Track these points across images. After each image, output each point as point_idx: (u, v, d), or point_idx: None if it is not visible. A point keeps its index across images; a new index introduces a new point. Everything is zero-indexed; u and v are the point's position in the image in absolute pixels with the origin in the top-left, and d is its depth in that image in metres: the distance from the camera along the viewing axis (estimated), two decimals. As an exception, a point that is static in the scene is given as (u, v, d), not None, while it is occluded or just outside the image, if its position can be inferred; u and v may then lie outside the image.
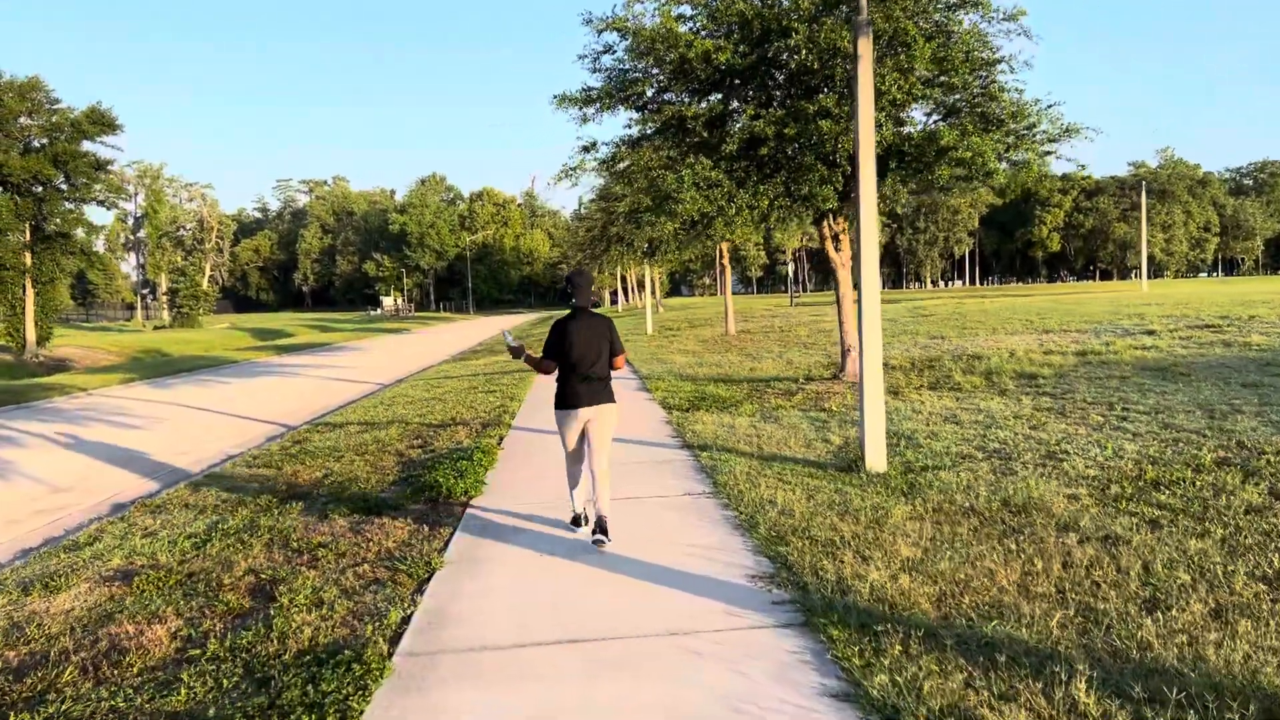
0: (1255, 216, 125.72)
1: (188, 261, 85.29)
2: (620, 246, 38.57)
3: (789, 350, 21.77)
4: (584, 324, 6.75)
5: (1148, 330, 18.07)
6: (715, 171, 12.88)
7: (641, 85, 14.02)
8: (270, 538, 7.52)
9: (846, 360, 14.96)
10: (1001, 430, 9.80)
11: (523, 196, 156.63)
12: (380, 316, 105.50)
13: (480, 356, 30.50)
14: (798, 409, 12.43)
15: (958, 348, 18.47)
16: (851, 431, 10.45)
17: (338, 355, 39.90)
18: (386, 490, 9.16)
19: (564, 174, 14.72)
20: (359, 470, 10.30)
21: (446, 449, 11.17)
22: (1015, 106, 12.99)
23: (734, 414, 12.37)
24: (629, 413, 13.31)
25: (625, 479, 8.75)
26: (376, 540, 7.16)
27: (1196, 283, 74.04)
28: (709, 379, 17.02)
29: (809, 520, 6.78)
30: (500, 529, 7.25)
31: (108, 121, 45.98)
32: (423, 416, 14.66)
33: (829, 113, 12.28)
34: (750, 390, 14.81)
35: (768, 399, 13.58)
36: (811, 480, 8.19)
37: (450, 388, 19.26)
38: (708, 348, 24.85)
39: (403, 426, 13.55)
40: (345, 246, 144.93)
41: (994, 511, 6.77)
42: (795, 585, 5.44)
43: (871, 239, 8.57)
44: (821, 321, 32.16)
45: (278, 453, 12.30)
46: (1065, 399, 11.50)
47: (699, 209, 12.64)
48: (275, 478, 10.39)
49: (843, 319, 15.01)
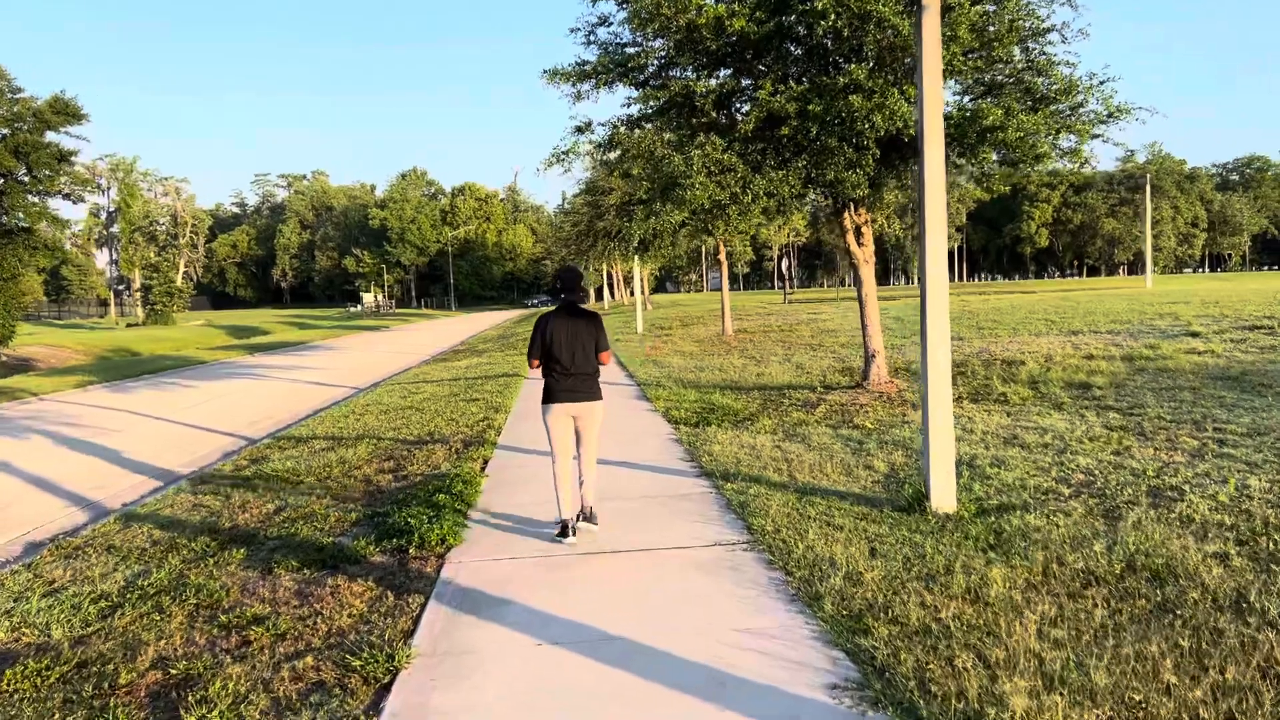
0: (1243, 212, 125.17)
1: (161, 257, 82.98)
2: (608, 241, 37.00)
3: (795, 353, 20.24)
4: (570, 319, 6.78)
5: (1190, 332, 16.63)
6: (728, 154, 11.32)
7: (643, 58, 12.44)
8: (196, 604, 5.94)
9: (871, 367, 13.44)
10: (1080, 456, 8.28)
11: (506, 192, 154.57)
12: (360, 313, 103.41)
13: (462, 357, 28.85)
14: (825, 425, 10.90)
15: (983, 351, 16.99)
16: (897, 455, 8.92)
17: (312, 355, 38.13)
18: (347, 532, 7.57)
19: (555, 158, 13.12)
20: (317, 503, 8.70)
21: (421, 474, 9.58)
22: (1066, 82, 11.48)
23: (752, 431, 10.83)
24: (630, 428, 11.75)
25: (637, 521, 7.19)
26: (327, 613, 5.58)
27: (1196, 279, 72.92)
28: (714, 386, 15.47)
29: (887, 591, 5.23)
30: (485, 600, 5.66)
31: (72, 111, 43.91)
32: (396, 430, 13.05)
33: (860, 86, 10.74)
34: (764, 401, 13.27)
35: (787, 412, 12.04)
36: (868, 524, 6.65)
37: (428, 394, 17.64)
38: (705, 349, 23.29)
39: (373, 444, 11.94)
40: (324, 242, 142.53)
41: (1122, 578, 5.24)
42: (901, 708, 3.89)
43: (938, 228, 7.03)
44: (821, 320, 30.68)
45: (229, 476, 10.70)
46: (1137, 415, 10.01)
47: (710, 196, 11.07)
48: (220, 511, 8.80)
49: (866, 321, 13.48)
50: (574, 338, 6.73)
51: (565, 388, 6.75)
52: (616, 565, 6.19)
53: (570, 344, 6.71)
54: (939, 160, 6.99)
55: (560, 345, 6.71)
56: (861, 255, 13.43)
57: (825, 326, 27.05)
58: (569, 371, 6.73)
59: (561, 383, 6.76)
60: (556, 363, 6.74)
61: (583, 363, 6.75)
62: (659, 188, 11.74)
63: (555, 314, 6.83)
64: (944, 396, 6.99)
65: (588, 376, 6.80)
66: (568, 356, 6.71)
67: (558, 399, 6.79)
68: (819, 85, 11.26)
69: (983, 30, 11.38)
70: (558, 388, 6.78)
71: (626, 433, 11.45)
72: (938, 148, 6.97)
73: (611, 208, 32.64)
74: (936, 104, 6.96)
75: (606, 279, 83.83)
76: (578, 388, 6.76)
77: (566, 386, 6.75)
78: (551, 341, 6.72)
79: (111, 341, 57.46)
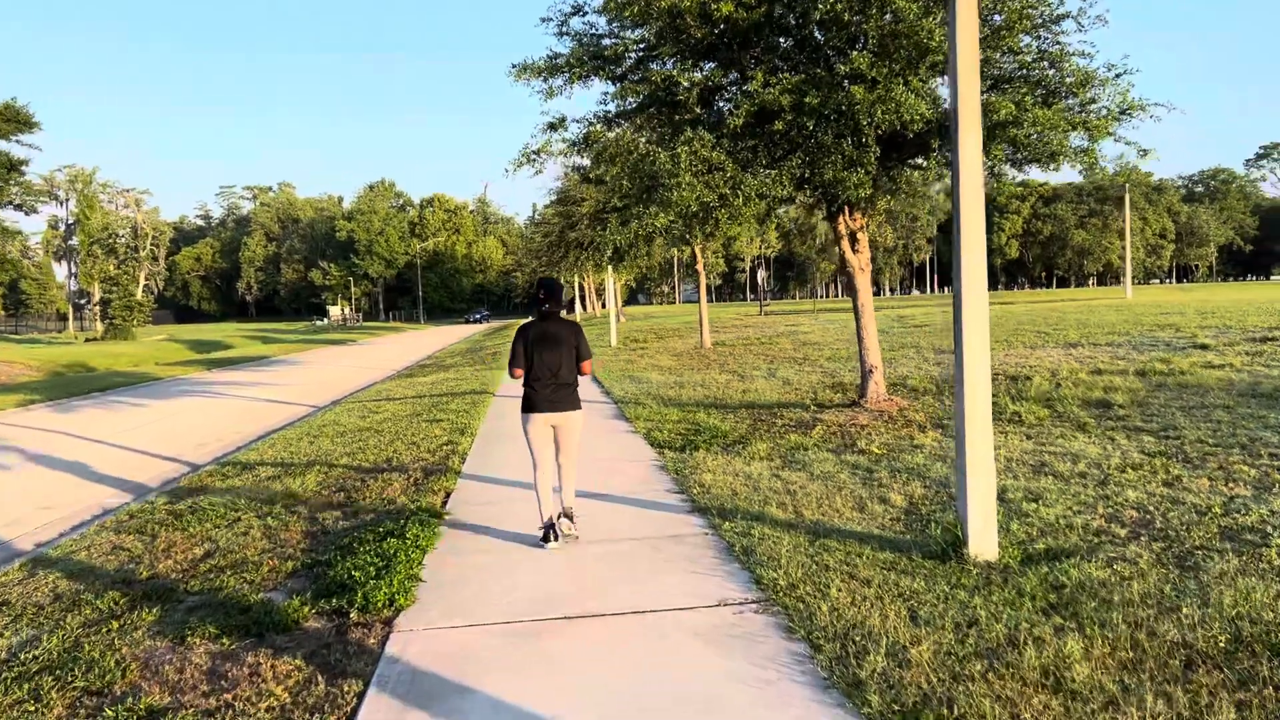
0: (1209, 224, 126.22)
1: (121, 270, 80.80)
2: (580, 252, 35.97)
3: (779, 367, 19.22)
4: (552, 329, 6.76)
5: (1197, 344, 15.78)
6: (716, 152, 10.28)
7: (620, 49, 11.40)
8: (84, 688, 4.81)
9: (869, 384, 12.43)
10: (1127, 489, 7.28)
11: (475, 203, 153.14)
12: (326, 327, 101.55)
13: (428, 372, 27.60)
14: (825, 449, 9.85)
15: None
16: (914, 487, 7.89)
17: (273, 370, 36.70)
18: (281, 586, 6.42)
19: (526, 158, 12.03)
20: (252, 547, 7.54)
21: (374, 510, 8.43)
22: (1083, 74, 10.57)
23: (745, 456, 9.76)
24: (609, 453, 10.65)
25: (623, 570, 6.09)
26: (240, 705, 4.45)
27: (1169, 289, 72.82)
28: (697, 404, 14.40)
29: (944, 675, 4.17)
30: (439, 686, 4.53)
31: (23, 119, 42.41)
32: (352, 455, 11.88)
33: (862, 76, 9.75)
34: (754, 421, 12.21)
35: (781, 434, 10.99)
36: (900, 577, 5.59)
37: (389, 413, 16.44)
38: (684, 363, 22.22)
39: (324, 472, 10.76)
40: (290, 254, 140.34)
41: (1232, 655, 4.22)
42: None
43: (975, 224, 6.01)
44: (801, 332, 29.75)
45: (161, 512, 9.48)
46: (1174, 438, 9.05)
47: (698, 198, 10.01)
48: (141, 556, 7.63)
49: (862, 335, 12.48)
50: (555, 347, 6.71)
51: (545, 397, 6.72)
52: (600, 635, 5.09)
53: (552, 354, 6.70)
54: (975, 147, 5.97)
55: (542, 355, 6.69)
56: (857, 263, 12.44)
57: (807, 339, 26.09)
58: (550, 381, 6.71)
59: (542, 392, 6.72)
60: (538, 372, 6.71)
61: (564, 373, 6.73)
62: (640, 189, 10.68)
63: (536, 323, 6.78)
64: (983, 423, 5.96)
65: (568, 386, 6.78)
66: (549, 366, 6.70)
67: (538, 409, 6.74)
68: (815, 77, 10.26)
69: (988, 18, 10.46)
70: (538, 397, 6.73)
71: (606, 458, 10.36)
72: (974, 133, 5.95)
73: (585, 217, 31.62)
74: (972, 78, 5.94)
75: (579, 291, 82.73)
76: (558, 397, 6.74)
77: (547, 396, 6.72)
78: (533, 351, 6.70)
79: (67, 357, 55.48)
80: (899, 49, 9.94)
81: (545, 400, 6.73)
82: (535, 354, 6.71)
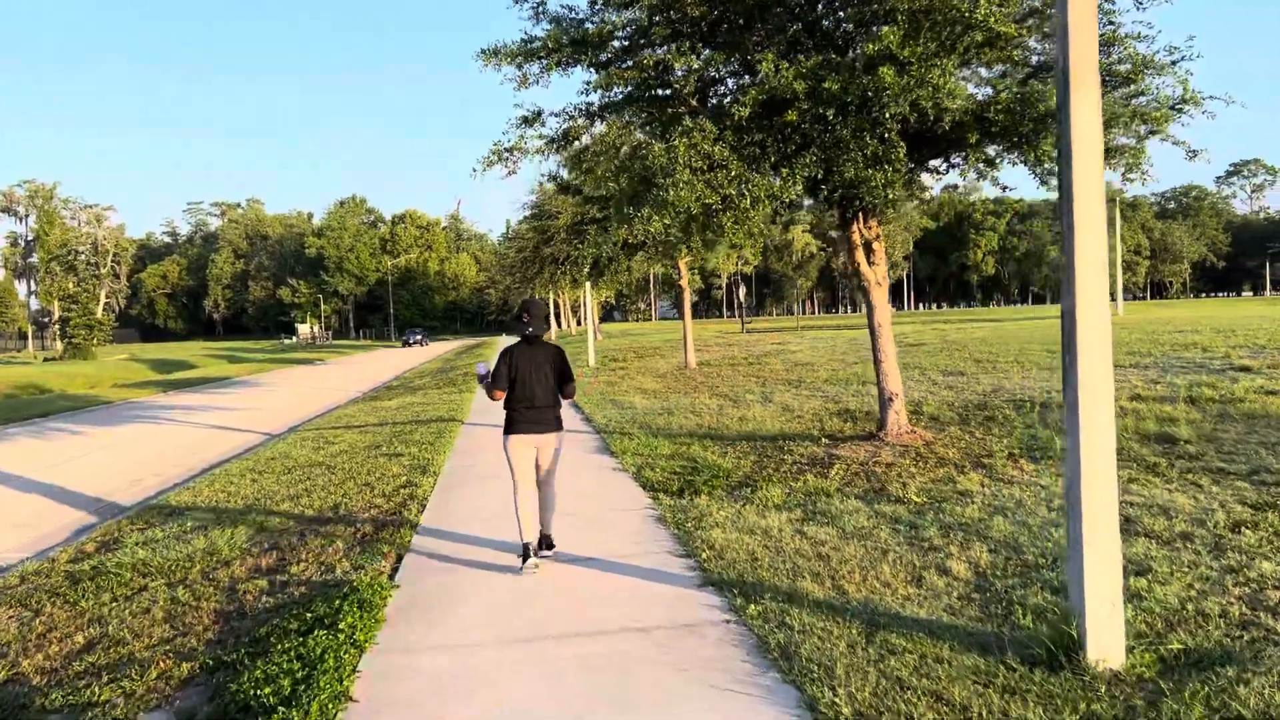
0: (1183, 240, 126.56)
1: (80, 288, 78.24)
2: (555, 268, 34.45)
3: (774, 390, 17.71)
4: (535, 352, 6.79)
5: (1236, 366, 14.44)
6: (719, 146, 8.77)
7: (606, 32, 9.90)
8: None
9: (888, 414, 10.93)
10: (1258, 559, 5.77)
11: (448, 220, 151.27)
12: (294, 345, 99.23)
13: (395, 395, 25.89)
14: (852, 496, 8.32)
15: (997, 388, 14.64)
16: (979, 551, 6.36)
17: (232, 393, 34.81)
18: (167, 703, 4.84)
19: (497, 155, 10.46)
20: (148, 634, 5.95)
21: (305, 581, 6.82)
22: (1141, 59, 9.18)
23: (758, 504, 8.21)
24: (594, 498, 9.08)
25: (621, 690, 4.51)
26: None
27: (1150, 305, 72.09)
28: (690, 434, 12.86)
29: None
30: None
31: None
32: (295, 499, 10.25)
33: (892, 57, 8.29)
34: (758, 456, 10.68)
35: (794, 474, 9.45)
36: (1006, 700, 4.06)
37: (346, 445, 14.79)
38: (669, 386, 20.66)
39: (259, 523, 9.13)
40: (259, 272, 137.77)
41: None
42: None
43: (1093, 214, 4.53)
44: (789, 351, 28.32)
45: (59, 575, 7.85)
46: (1273, 484, 7.59)
47: (699, 199, 8.49)
48: (8, 645, 6.03)
49: (880, 357, 11.00)
50: (538, 370, 6.75)
51: (528, 419, 6.75)
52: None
53: (535, 376, 6.73)
54: (1092, 112, 4.48)
55: (525, 378, 6.72)
56: (873, 276, 10.97)
57: (796, 359, 24.63)
58: (532, 404, 6.73)
59: (525, 415, 6.75)
60: (520, 395, 6.74)
61: (546, 395, 6.76)
62: (631, 189, 9.16)
63: (521, 346, 6.81)
64: (1106, 479, 4.46)
65: (550, 408, 6.81)
66: (532, 389, 6.72)
67: (519, 430, 6.76)
68: (833, 60, 8.80)
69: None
70: (520, 419, 6.76)
71: (591, 505, 8.79)
72: (1090, 92, 4.47)
73: (561, 230, 30.09)
74: (1088, 20, 4.45)
75: (554, 308, 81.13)
76: (540, 419, 6.77)
77: (529, 419, 6.75)
78: (516, 374, 6.72)
79: (21, 378, 53.05)
80: (932, 26, 8.48)
81: (528, 422, 6.73)
82: (519, 377, 6.71)
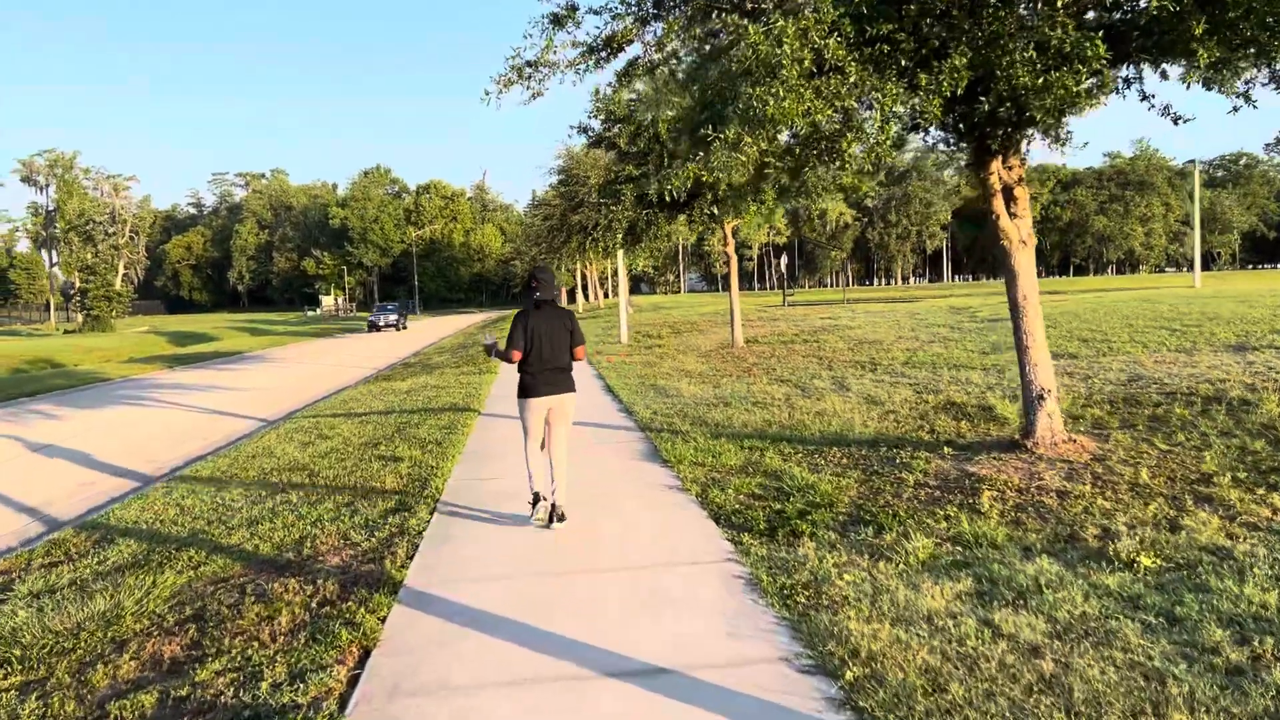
0: (1232, 209, 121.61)
1: (98, 259, 76.34)
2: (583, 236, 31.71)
3: (845, 375, 15.00)
4: (546, 316, 6.93)
5: None
6: (835, 39, 6.06)
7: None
8: None
9: (1038, 416, 8.20)
10: None
11: (473, 190, 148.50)
12: (318, 317, 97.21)
13: (409, 374, 23.37)
14: (1033, 545, 5.67)
15: (1135, 375, 11.88)
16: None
17: (240, 369, 32.49)
18: None
19: (517, 72, 7.79)
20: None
21: (214, 705, 4.29)
22: None
23: (898, 563, 5.56)
24: (646, 534, 6.44)
25: None
26: None
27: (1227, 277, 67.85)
28: (759, 434, 10.24)
29: None
30: None
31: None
32: (253, 527, 7.76)
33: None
34: (862, 470, 8.04)
35: (926, 503, 6.81)
36: None
37: (338, 442, 12.31)
38: (718, 368, 17.97)
39: (194, 563, 6.67)
40: (283, 243, 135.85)
41: None
42: None
43: None
44: (844, 326, 25.50)
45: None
46: None
47: (807, 114, 5.81)
48: None
49: (1025, 341, 8.28)
50: (551, 333, 6.89)
51: (543, 382, 6.91)
52: None
53: (548, 339, 6.87)
54: None
55: (539, 341, 6.84)
56: (1015, 232, 8.25)
57: (857, 336, 21.84)
58: (547, 366, 6.89)
59: (539, 377, 6.90)
60: (534, 358, 6.86)
61: (559, 357, 6.93)
62: (709, 106, 6.47)
63: (532, 311, 6.92)
64: None
65: (563, 370, 6.98)
66: (545, 352, 6.88)
67: (536, 393, 6.91)
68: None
69: None
70: (535, 383, 6.92)
71: (644, 551, 6.21)
72: None
73: (592, 190, 27.38)
74: None
75: (580, 280, 78.47)
76: (554, 381, 6.93)
77: (544, 380, 6.90)
78: (530, 338, 6.84)
79: (37, 351, 51.29)
80: None
81: (543, 384, 6.89)
82: (532, 340, 6.82)
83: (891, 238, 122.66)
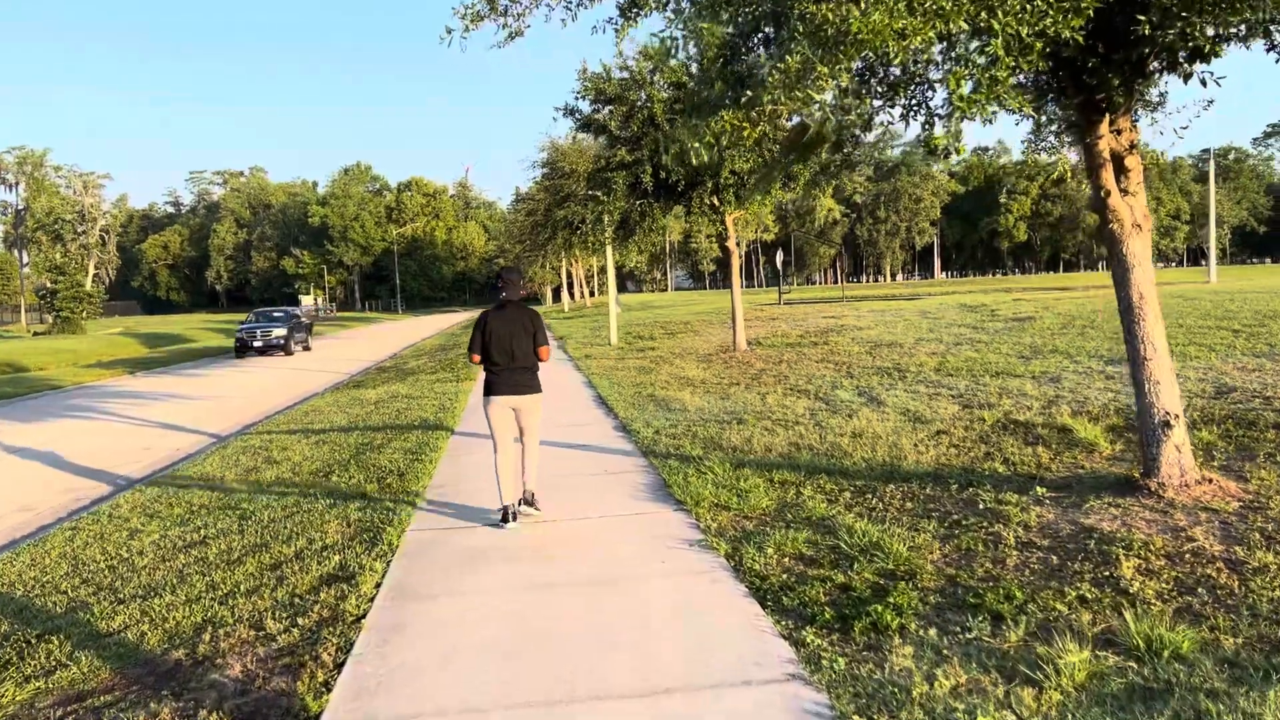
0: (1223, 204, 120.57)
1: (67, 258, 73.82)
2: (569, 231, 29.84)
3: (871, 384, 13.19)
4: (509, 316, 6.94)
5: None
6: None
7: None
8: None
9: (1162, 449, 6.39)
10: None
11: (455, 188, 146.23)
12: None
13: (382, 380, 21.46)
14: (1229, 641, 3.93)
15: (1222, 386, 10.21)
16: None
17: (204, 375, 30.50)
18: None
19: (488, 4, 5.95)
20: None
21: None
22: None
23: (1044, 680, 3.79)
24: (659, 622, 4.56)
25: None
26: None
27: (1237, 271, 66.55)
28: (787, 461, 8.44)
29: None
30: None
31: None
32: (143, 603, 5.94)
33: None
34: (939, 522, 6.25)
35: (1041, 574, 5.05)
36: None
37: (292, 463, 10.48)
38: (722, 375, 16.13)
39: (44, 671, 4.81)
40: (262, 242, 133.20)
41: None
42: None
43: None
44: (851, 326, 23.72)
45: None
46: None
47: (905, 31, 4.03)
48: None
49: (1144, 352, 6.50)
50: (512, 334, 6.86)
51: (505, 381, 6.91)
52: None
53: (509, 339, 6.85)
54: None
55: (500, 341, 6.85)
56: (1129, 213, 6.48)
57: (870, 337, 20.06)
58: (508, 366, 6.88)
59: (501, 376, 6.92)
60: (497, 357, 6.87)
61: (522, 357, 6.91)
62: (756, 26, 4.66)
63: (494, 311, 6.98)
64: None
65: (527, 370, 6.98)
66: (507, 351, 6.86)
67: (499, 392, 6.93)
68: None
69: None
70: (498, 382, 6.92)
71: (665, 651, 4.39)
72: None
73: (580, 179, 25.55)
74: None
75: (565, 279, 76.55)
76: (518, 381, 6.93)
77: (507, 380, 6.91)
78: (490, 338, 6.87)
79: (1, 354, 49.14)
80: None
81: (506, 384, 6.90)
82: (493, 340, 6.83)
83: (881, 234, 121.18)
